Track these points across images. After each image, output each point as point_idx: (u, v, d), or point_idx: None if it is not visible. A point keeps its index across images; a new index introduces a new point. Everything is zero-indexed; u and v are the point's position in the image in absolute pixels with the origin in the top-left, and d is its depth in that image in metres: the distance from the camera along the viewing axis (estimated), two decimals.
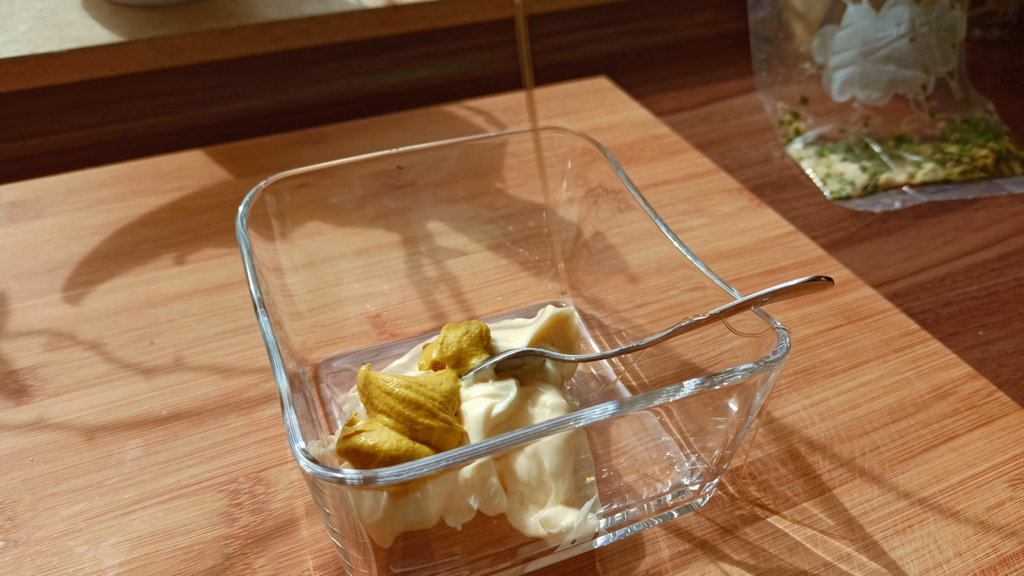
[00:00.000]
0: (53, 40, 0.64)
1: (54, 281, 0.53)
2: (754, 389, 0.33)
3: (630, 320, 0.47)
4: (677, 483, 0.39)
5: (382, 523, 0.33)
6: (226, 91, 0.74)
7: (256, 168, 0.64)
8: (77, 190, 0.61)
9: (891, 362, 0.49)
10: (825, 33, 0.73)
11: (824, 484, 0.41)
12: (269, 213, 0.42)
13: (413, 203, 0.49)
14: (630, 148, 0.69)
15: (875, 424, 0.45)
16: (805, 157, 0.71)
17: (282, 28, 0.69)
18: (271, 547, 0.38)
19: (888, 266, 0.59)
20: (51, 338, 0.48)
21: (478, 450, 0.28)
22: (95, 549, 0.37)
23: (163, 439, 0.42)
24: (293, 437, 0.29)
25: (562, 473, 0.35)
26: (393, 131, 0.69)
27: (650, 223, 0.41)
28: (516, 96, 0.75)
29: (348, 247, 0.48)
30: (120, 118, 0.72)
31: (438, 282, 0.52)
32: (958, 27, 0.73)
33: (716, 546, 0.38)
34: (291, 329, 0.42)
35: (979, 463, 0.43)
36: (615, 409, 0.30)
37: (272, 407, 0.45)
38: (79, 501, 0.39)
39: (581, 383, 0.46)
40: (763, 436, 0.44)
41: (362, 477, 0.27)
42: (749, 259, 0.57)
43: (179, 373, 0.46)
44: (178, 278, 0.53)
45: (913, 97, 0.74)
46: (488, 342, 0.40)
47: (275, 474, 0.41)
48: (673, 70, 0.86)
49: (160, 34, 0.65)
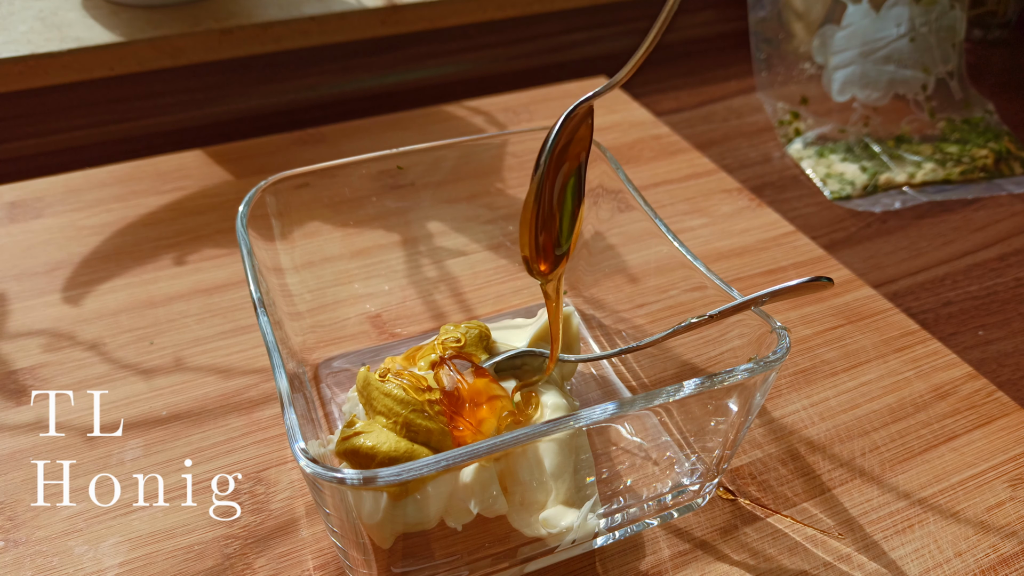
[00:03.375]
0: (53, 40, 0.64)
1: (54, 281, 0.53)
2: (754, 389, 0.33)
3: (630, 320, 0.47)
4: (677, 483, 0.39)
5: (382, 524, 0.33)
6: (226, 91, 0.74)
7: (256, 168, 0.64)
8: (77, 190, 0.61)
9: (891, 362, 0.49)
10: (825, 33, 0.73)
11: (824, 484, 0.41)
12: (269, 213, 0.42)
13: (413, 203, 0.49)
14: (630, 148, 0.69)
15: (875, 424, 0.45)
16: (805, 157, 0.71)
17: (282, 28, 0.69)
18: (271, 547, 0.38)
19: (888, 266, 0.59)
20: (51, 338, 0.48)
21: (478, 450, 0.28)
22: (95, 549, 0.37)
23: (163, 439, 0.42)
24: (293, 437, 0.29)
25: (562, 473, 0.35)
26: (393, 131, 0.69)
27: (650, 223, 0.41)
28: (516, 96, 0.75)
29: (348, 247, 0.48)
30: (120, 118, 0.72)
31: (438, 282, 0.52)
32: (958, 27, 0.73)
33: (716, 546, 0.38)
34: (291, 329, 0.42)
35: (979, 463, 0.43)
36: (615, 409, 0.30)
37: (272, 407, 0.45)
38: (80, 501, 0.39)
39: (581, 383, 0.46)
40: (763, 436, 0.44)
41: (362, 477, 0.27)
42: (749, 259, 0.57)
43: (179, 373, 0.46)
44: (178, 278, 0.53)
45: (913, 97, 0.74)
46: (488, 342, 0.40)
47: (275, 474, 0.41)
48: (673, 70, 0.86)
49: (160, 34, 0.65)
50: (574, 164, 0.33)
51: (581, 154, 0.33)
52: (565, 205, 0.34)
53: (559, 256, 0.35)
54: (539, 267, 0.34)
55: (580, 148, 0.33)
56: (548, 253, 0.34)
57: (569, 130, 0.32)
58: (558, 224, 0.34)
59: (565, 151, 0.33)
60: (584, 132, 0.33)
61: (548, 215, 0.33)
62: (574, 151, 0.33)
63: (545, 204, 0.33)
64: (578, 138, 0.33)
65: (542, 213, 0.33)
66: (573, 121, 0.32)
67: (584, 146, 0.33)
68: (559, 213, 0.34)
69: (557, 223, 0.34)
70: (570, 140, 0.33)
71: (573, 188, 0.34)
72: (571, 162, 0.33)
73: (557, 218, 0.34)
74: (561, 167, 0.33)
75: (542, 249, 0.34)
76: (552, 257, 0.34)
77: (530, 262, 0.34)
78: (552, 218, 0.34)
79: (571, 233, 0.34)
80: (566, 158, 0.33)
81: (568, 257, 0.35)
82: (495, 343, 0.40)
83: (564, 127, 0.32)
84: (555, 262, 0.35)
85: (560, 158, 0.33)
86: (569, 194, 0.34)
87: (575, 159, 0.33)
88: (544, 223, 0.33)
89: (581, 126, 0.33)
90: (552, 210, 0.33)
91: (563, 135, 0.32)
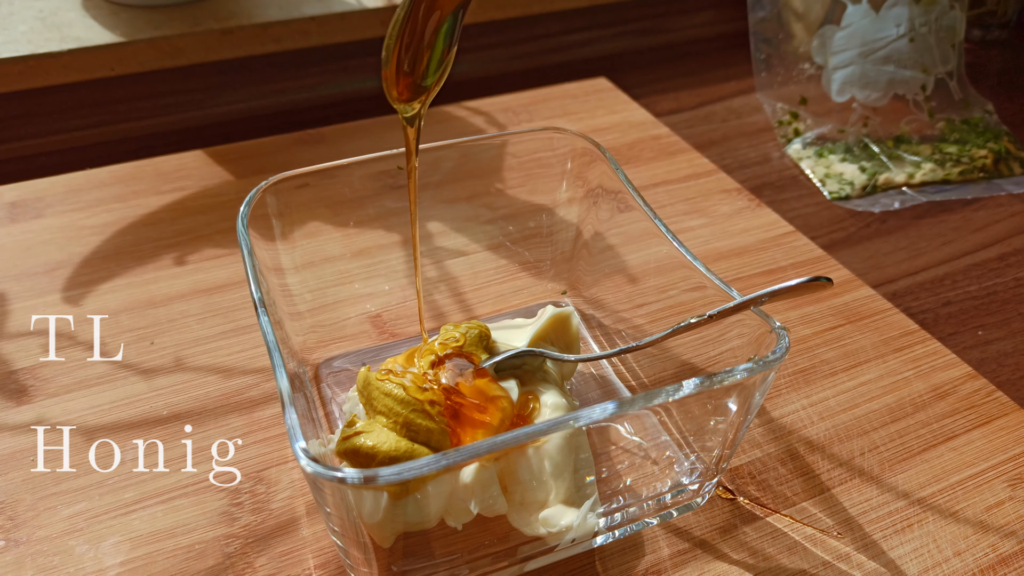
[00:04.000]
0: (53, 40, 0.64)
1: (54, 281, 0.53)
2: (753, 389, 0.34)
3: (630, 320, 0.47)
4: (676, 482, 0.40)
5: (382, 523, 0.33)
6: (227, 92, 0.74)
7: (257, 168, 0.65)
8: (77, 190, 0.61)
9: (890, 362, 0.49)
10: (825, 33, 0.73)
11: (823, 484, 0.41)
12: (270, 213, 0.42)
13: None
14: (630, 148, 0.69)
15: (874, 424, 0.45)
16: (804, 157, 0.71)
17: (282, 28, 0.69)
18: (272, 546, 0.38)
19: (887, 266, 0.59)
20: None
21: (478, 449, 0.28)
22: (96, 548, 0.37)
23: (164, 438, 0.43)
24: (294, 436, 0.29)
25: (562, 472, 0.35)
26: (393, 132, 0.69)
27: (650, 223, 0.41)
28: (516, 97, 0.75)
29: (348, 247, 0.48)
30: (120, 118, 0.72)
31: (438, 282, 0.52)
32: (957, 27, 0.73)
33: (715, 545, 0.38)
34: (291, 329, 0.42)
35: (978, 463, 0.43)
36: (615, 409, 0.30)
37: (272, 407, 0.45)
38: (80, 501, 0.39)
39: (581, 383, 0.46)
40: (762, 435, 0.44)
41: (363, 476, 0.27)
42: (748, 259, 0.57)
43: (179, 373, 0.46)
44: (178, 278, 0.53)
45: (912, 97, 0.74)
46: (488, 342, 0.40)
47: (276, 473, 0.41)
48: (673, 70, 0.86)
49: (160, 34, 0.66)
50: (453, 4, 0.32)
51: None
52: (436, 45, 0.33)
53: (421, 88, 0.34)
54: (396, 90, 0.34)
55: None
56: (410, 83, 0.34)
57: None
58: (425, 61, 0.33)
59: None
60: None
61: (416, 44, 0.33)
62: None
63: (417, 31, 0.32)
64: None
65: (410, 35, 0.32)
66: None
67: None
68: (429, 51, 0.33)
69: (425, 59, 0.33)
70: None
71: (447, 30, 0.33)
72: (449, 2, 0.32)
73: (426, 56, 0.33)
74: (435, 9, 0.32)
75: (403, 74, 0.33)
76: (413, 87, 0.34)
77: (388, 81, 0.34)
78: (419, 50, 0.33)
79: (437, 72, 0.34)
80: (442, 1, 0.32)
81: (429, 96, 0.34)
82: (495, 343, 0.40)
83: None
84: (415, 92, 0.34)
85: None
86: (441, 36, 0.33)
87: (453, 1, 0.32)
88: (411, 50, 0.33)
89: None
90: (421, 41, 0.33)
91: None
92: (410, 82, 0.34)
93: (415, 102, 0.35)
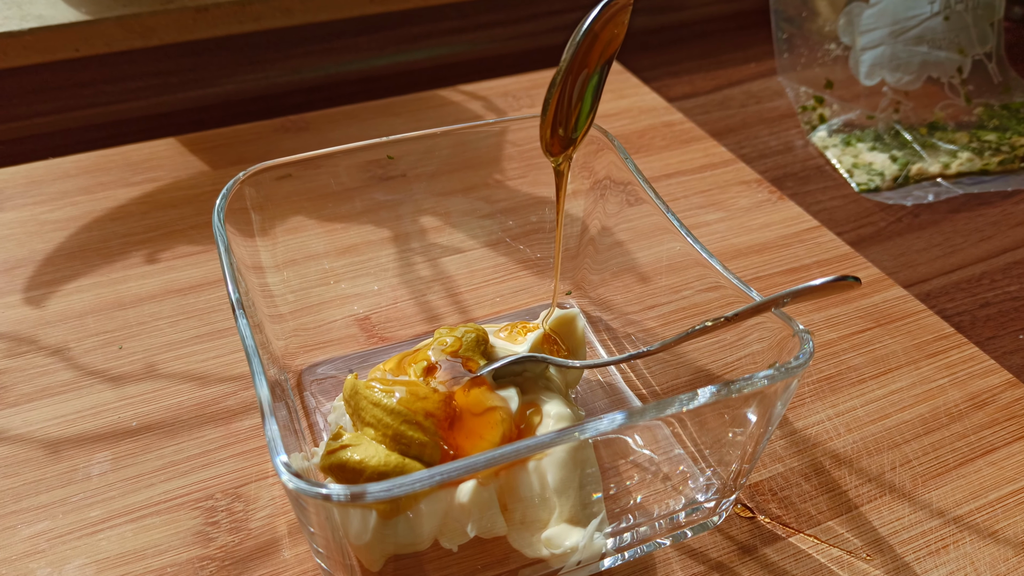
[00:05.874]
0: (13, 19, 0.64)
1: (14, 281, 0.53)
2: (774, 398, 0.34)
3: (640, 323, 0.47)
4: (691, 500, 0.40)
5: (371, 544, 0.33)
6: (201, 74, 0.74)
7: (234, 158, 0.65)
8: (39, 182, 0.61)
9: (923, 368, 0.49)
10: (852, 11, 0.73)
11: (851, 501, 0.41)
12: (248, 207, 0.42)
13: (405, 196, 0.49)
14: (640, 136, 0.69)
15: (906, 436, 0.45)
16: (830, 146, 0.71)
17: (262, 6, 0.69)
18: (251, 569, 0.38)
19: (920, 264, 0.59)
20: (11, 343, 0.49)
21: (475, 464, 0.28)
22: (59, 572, 0.37)
23: (133, 452, 0.43)
24: (274, 449, 0.29)
25: (566, 489, 0.35)
26: (383, 118, 0.69)
27: (661, 218, 0.41)
28: (516, 80, 0.75)
29: (334, 244, 0.48)
30: (86, 103, 0.72)
31: (432, 282, 0.52)
32: (997, 4, 0.73)
33: (733, 568, 0.38)
34: (272, 333, 0.42)
35: (1020, 478, 0.43)
36: (624, 419, 0.30)
37: (251, 417, 0.45)
38: (42, 520, 0.39)
39: (587, 391, 0.46)
40: (784, 449, 0.44)
41: (350, 493, 0.27)
42: (769, 257, 0.57)
43: (150, 380, 0.46)
44: (149, 277, 0.53)
45: (947, 81, 0.74)
46: (486, 347, 0.40)
47: (255, 490, 0.41)
48: (687, 52, 0.86)
49: (129, 12, 0.66)
50: (601, 62, 0.35)
51: (609, 51, 0.35)
52: (585, 100, 0.37)
53: (570, 141, 0.38)
54: (550, 145, 0.38)
55: (611, 47, 0.35)
56: (561, 138, 0.38)
57: (603, 21, 0.33)
58: (575, 117, 0.37)
59: (592, 47, 0.34)
60: (616, 29, 0.34)
61: (567, 103, 0.36)
62: (600, 49, 0.35)
63: (566, 92, 0.36)
64: (607, 37, 0.34)
65: (561, 109, 0.36)
66: (609, 11, 0.33)
67: (616, 45, 0.35)
68: (579, 106, 0.37)
69: (574, 119, 0.37)
70: (598, 36, 0.34)
71: (594, 88, 0.36)
72: (597, 60, 0.35)
73: (576, 112, 0.37)
74: (584, 68, 0.35)
75: (556, 134, 0.38)
76: (565, 140, 0.38)
77: (543, 140, 0.38)
78: (570, 108, 0.37)
79: (585, 124, 0.38)
80: (591, 59, 0.35)
81: (576, 146, 0.39)
82: (493, 348, 0.40)
83: (599, 17, 0.33)
84: (566, 145, 0.38)
85: (585, 56, 0.34)
86: (589, 93, 0.36)
87: (602, 58, 0.35)
88: (563, 109, 0.36)
89: (611, 22, 0.34)
90: (571, 100, 0.36)
91: (597, 25, 0.33)
92: (561, 137, 0.38)
93: (566, 152, 0.39)
